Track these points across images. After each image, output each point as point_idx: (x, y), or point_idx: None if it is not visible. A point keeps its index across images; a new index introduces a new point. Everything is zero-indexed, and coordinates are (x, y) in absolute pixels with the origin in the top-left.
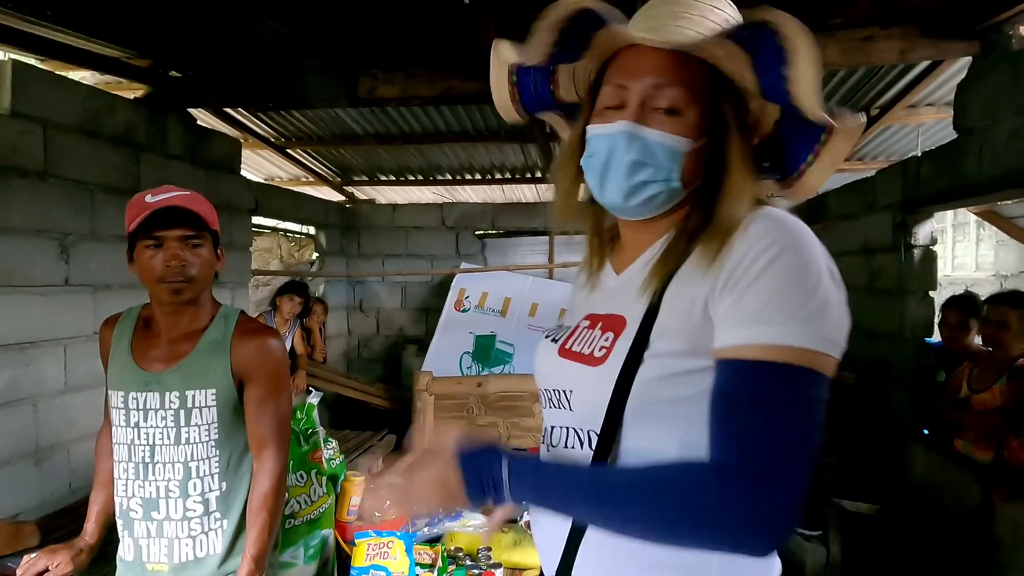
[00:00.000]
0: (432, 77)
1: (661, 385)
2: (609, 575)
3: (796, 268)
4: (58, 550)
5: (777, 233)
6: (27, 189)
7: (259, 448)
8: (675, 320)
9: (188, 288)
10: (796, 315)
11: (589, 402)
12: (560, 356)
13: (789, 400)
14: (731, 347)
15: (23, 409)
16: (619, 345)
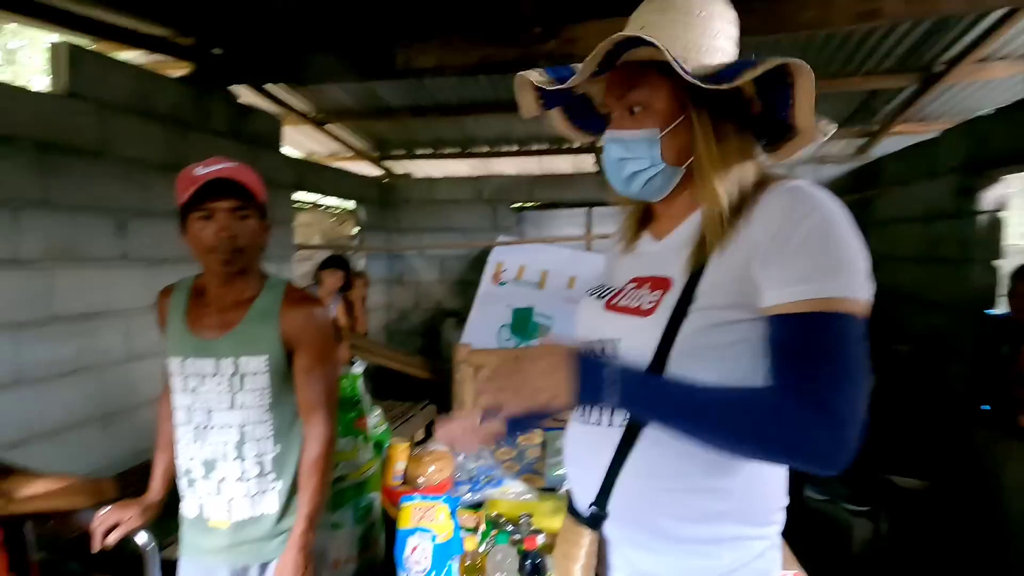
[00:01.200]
0: (468, 45)
1: (704, 333)
2: (643, 502)
3: (828, 231)
4: (128, 505)
5: (807, 202)
6: (85, 167)
7: (309, 413)
8: (719, 280)
9: (237, 259)
10: (835, 271)
11: (637, 348)
12: (607, 310)
13: (841, 341)
14: (785, 303)
15: (89, 376)
16: (667, 300)
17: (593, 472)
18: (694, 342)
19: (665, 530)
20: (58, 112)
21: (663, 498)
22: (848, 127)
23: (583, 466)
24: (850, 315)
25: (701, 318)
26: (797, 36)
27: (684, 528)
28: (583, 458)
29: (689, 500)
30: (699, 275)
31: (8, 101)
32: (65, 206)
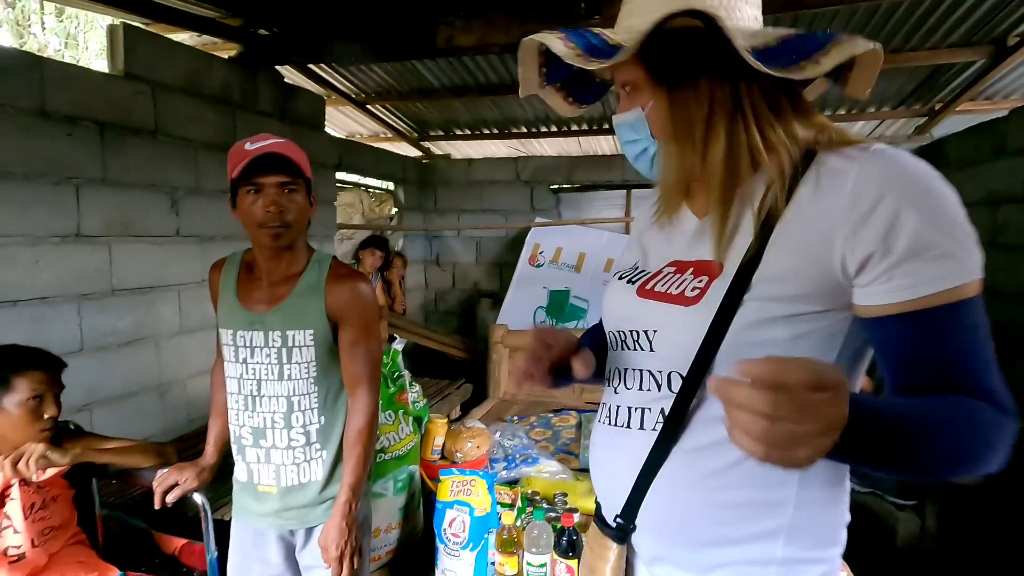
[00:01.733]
0: (509, 23)
1: (760, 327)
2: (679, 516)
3: (939, 207)
4: (185, 468)
5: (900, 175)
6: (141, 146)
7: (353, 386)
8: (782, 266)
9: (286, 233)
10: (957, 253)
11: (677, 342)
12: (640, 297)
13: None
14: (907, 301)
15: (147, 347)
16: (715, 286)
17: (621, 480)
18: (748, 337)
19: (704, 549)
20: (116, 92)
21: (703, 513)
22: (908, 106)
23: (610, 473)
24: (974, 298)
25: (758, 309)
26: (856, 7)
27: (727, 549)
28: (610, 464)
29: (734, 515)
30: (758, 259)
31: (72, 82)
32: (122, 183)
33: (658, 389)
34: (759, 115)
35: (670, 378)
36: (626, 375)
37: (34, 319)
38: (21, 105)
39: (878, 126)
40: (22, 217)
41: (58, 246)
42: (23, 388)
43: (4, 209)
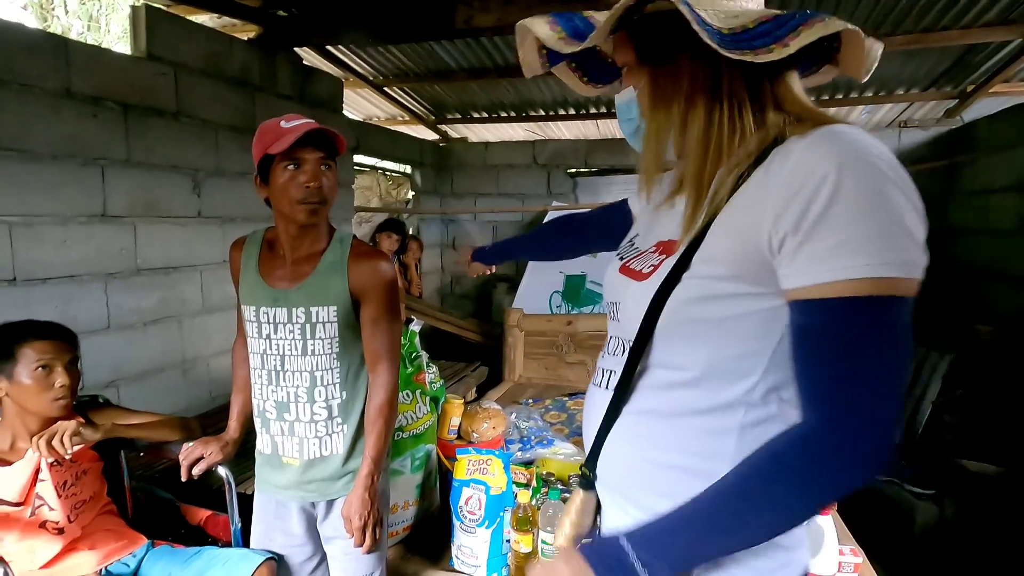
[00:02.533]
0: (530, 2)
1: (695, 304)
2: (622, 470)
3: (866, 191)
4: (210, 441)
5: (833, 155)
6: (163, 128)
7: (374, 362)
8: (721, 247)
9: (322, 209)
10: (874, 244)
11: (630, 314)
12: (619, 272)
13: (877, 334)
14: (809, 286)
15: (171, 325)
16: (665, 264)
17: (590, 434)
18: (683, 313)
19: (642, 501)
20: (138, 73)
21: (642, 469)
22: (938, 88)
23: (587, 426)
24: (895, 298)
25: (694, 287)
26: None
27: (662, 504)
28: (588, 419)
29: (668, 476)
30: (699, 240)
31: (96, 64)
32: (146, 165)
33: (622, 354)
34: (739, 99)
35: (626, 345)
36: (610, 341)
37: (63, 297)
38: (48, 86)
39: (907, 108)
40: (51, 197)
41: (85, 226)
42: (28, 357)
43: (33, 189)
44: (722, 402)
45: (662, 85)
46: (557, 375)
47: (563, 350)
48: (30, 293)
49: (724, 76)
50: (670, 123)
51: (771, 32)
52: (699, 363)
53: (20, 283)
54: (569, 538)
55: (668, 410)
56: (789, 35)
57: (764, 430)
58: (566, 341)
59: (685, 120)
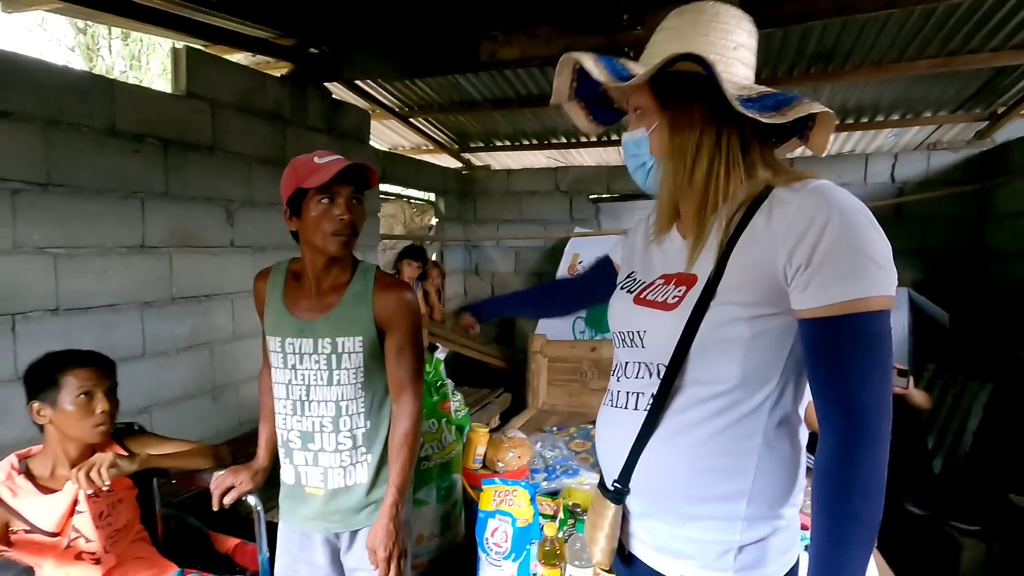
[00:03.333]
0: (552, 35)
1: (723, 327)
2: (662, 480)
3: (850, 234)
4: (240, 470)
5: (827, 205)
6: (200, 162)
7: (398, 391)
8: (741, 278)
9: (353, 241)
10: (861, 272)
11: (662, 340)
12: (635, 304)
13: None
14: (816, 308)
15: (202, 352)
16: (690, 295)
17: (619, 452)
18: (713, 335)
19: (681, 505)
20: (178, 110)
21: (681, 476)
22: (967, 110)
23: (611, 446)
24: (877, 311)
25: (722, 313)
26: (911, 10)
27: (700, 505)
28: (611, 439)
29: (706, 479)
30: (721, 272)
31: (139, 102)
32: (183, 197)
33: (649, 377)
34: (734, 154)
35: (658, 368)
36: (627, 367)
37: (103, 325)
38: (94, 124)
39: (935, 131)
40: (93, 229)
41: (124, 256)
42: (71, 385)
43: (78, 222)
44: (752, 406)
45: (679, 132)
46: (581, 402)
47: (587, 376)
48: (71, 322)
49: (724, 133)
50: (684, 166)
51: (769, 104)
52: (731, 376)
53: (62, 312)
54: (606, 552)
55: (701, 420)
56: (785, 108)
57: (784, 427)
58: (590, 367)
59: (694, 162)
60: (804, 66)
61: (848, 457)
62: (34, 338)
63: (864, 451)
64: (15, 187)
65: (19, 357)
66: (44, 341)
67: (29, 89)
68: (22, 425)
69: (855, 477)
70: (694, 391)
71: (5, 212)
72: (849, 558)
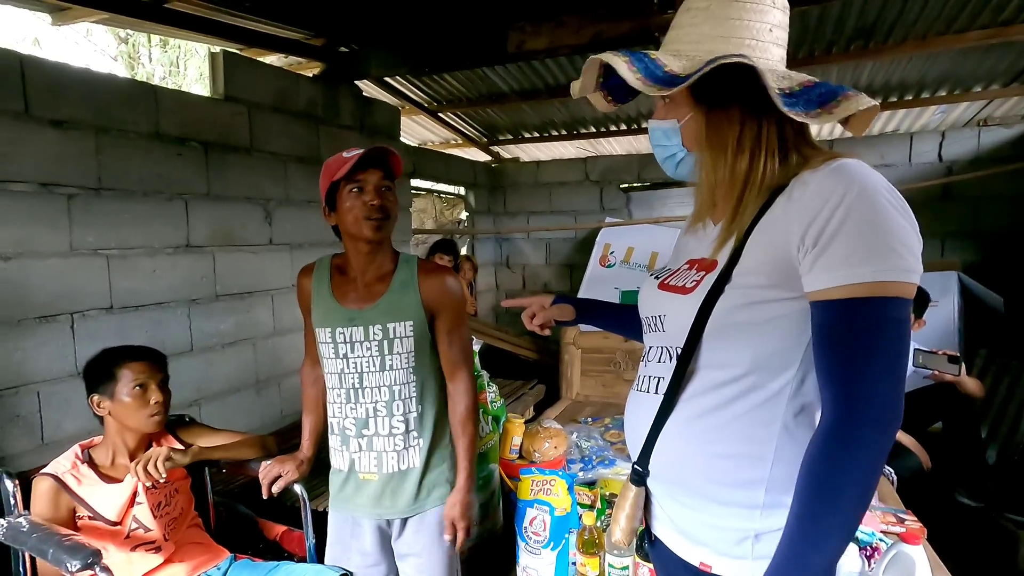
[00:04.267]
0: (580, 24)
1: (738, 311)
2: (678, 463)
3: (869, 212)
4: (285, 460)
5: (844, 183)
6: (239, 163)
7: (452, 371)
8: (758, 260)
9: (386, 225)
10: (876, 253)
11: (679, 324)
12: (659, 289)
13: (880, 326)
14: (826, 289)
15: (246, 347)
16: (707, 279)
17: (640, 434)
18: (727, 319)
19: (699, 490)
20: (217, 113)
21: (698, 460)
22: (1022, 83)
23: (634, 429)
24: (889, 298)
25: (736, 296)
26: None
27: (717, 490)
28: (635, 422)
29: (724, 464)
30: (737, 256)
31: (181, 107)
32: (224, 197)
33: (669, 360)
34: (772, 147)
35: (675, 351)
36: (650, 351)
37: (153, 322)
38: (140, 129)
39: (986, 106)
40: (142, 231)
41: (171, 256)
42: (126, 377)
43: (128, 224)
44: (770, 393)
45: (716, 128)
46: (615, 392)
47: (620, 367)
48: (124, 319)
49: (764, 128)
50: (725, 162)
51: (814, 98)
52: (744, 360)
53: (116, 310)
54: (626, 532)
55: (717, 405)
56: (831, 104)
57: (805, 416)
58: (623, 358)
59: (736, 156)
60: (843, 44)
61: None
62: (91, 335)
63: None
64: (71, 192)
65: (79, 353)
66: (100, 338)
67: (80, 98)
68: (85, 417)
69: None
70: (709, 375)
71: (62, 216)
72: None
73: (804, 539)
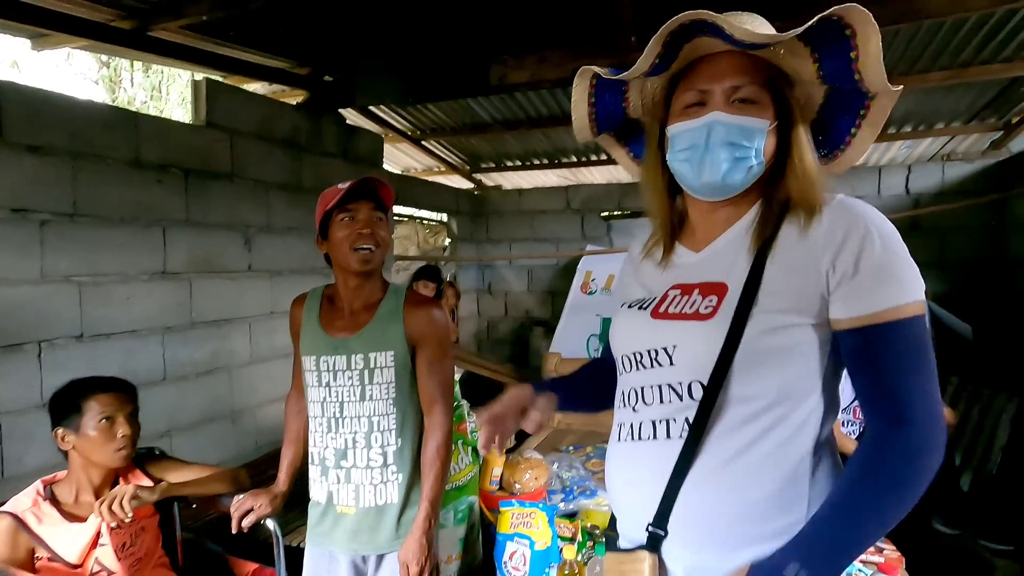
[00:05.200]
0: (562, 58)
1: (767, 336)
2: (709, 515)
3: (887, 243)
4: (259, 494)
5: (862, 216)
6: (219, 189)
7: (430, 405)
8: (782, 282)
9: (375, 255)
10: (897, 280)
11: (696, 354)
12: (655, 319)
13: (912, 341)
14: (857, 317)
15: (221, 376)
16: (726, 303)
17: (648, 491)
18: (757, 344)
19: (733, 549)
20: (198, 140)
21: (731, 510)
22: (981, 120)
23: (635, 486)
24: (915, 316)
25: (765, 320)
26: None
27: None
28: (635, 478)
29: (759, 510)
30: (757, 279)
31: (162, 133)
32: (204, 224)
33: (679, 399)
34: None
35: (691, 388)
36: (644, 393)
37: (124, 351)
38: (119, 156)
39: (948, 142)
40: (118, 257)
41: (147, 283)
42: (93, 410)
43: (103, 251)
44: (795, 425)
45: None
46: (597, 421)
47: None
48: (95, 348)
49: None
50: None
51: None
52: (771, 390)
53: (87, 339)
54: None
55: (749, 443)
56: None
57: (828, 448)
58: None
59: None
60: None
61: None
62: (59, 364)
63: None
64: (43, 218)
65: (45, 383)
66: (68, 367)
67: (57, 124)
68: (49, 451)
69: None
70: (737, 410)
71: (33, 243)
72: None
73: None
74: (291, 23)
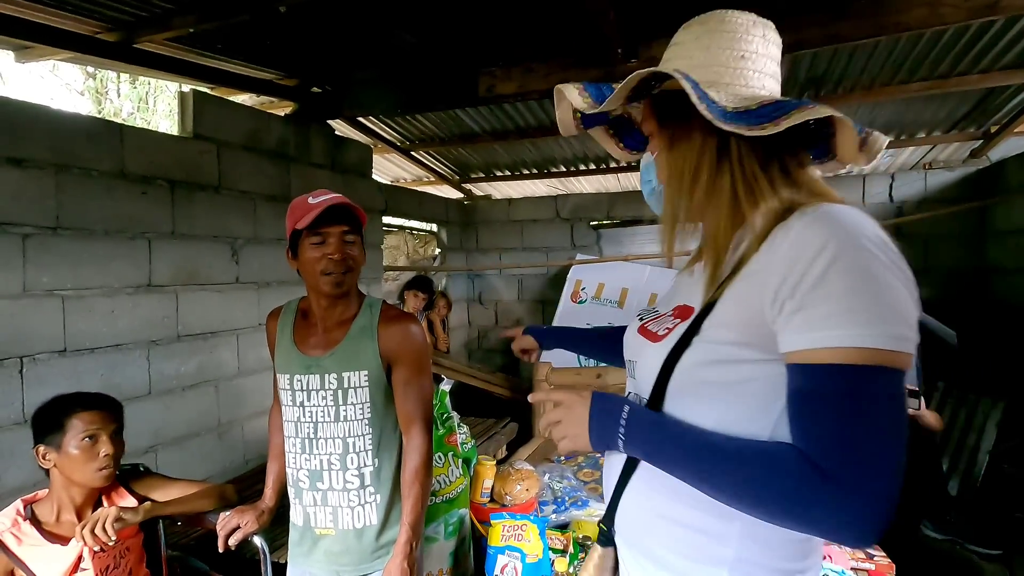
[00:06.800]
0: (548, 70)
1: (704, 367)
2: (637, 526)
3: (857, 268)
4: (246, 511)
5: (828, 233)
6: (206, 201)
7: (408, 425)
8: (731, 313)
9: (347, 280)
10: (864, 316)
11: (644, 374)
12: (637, 333)
13: (872, 401)
14: (804, 351)
15: (208, 390)
16: (679, 328)
17: (608, 490)
18: (692, 375)
19: (659, 558)
20: (185, 152)
21: (655, 525)
22: (961, 130)
23: (607, 481)
24: (881, 368)
25: (704, 351)
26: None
27: (677, 561)
28: (608, 473)
29: (681, 534)
30: (711, 306)
31: (147, 145)
32: (189, 236)
33: None
34: (749, 170)
35: (642, 402)
36: (629, 398)
37: (108, 365)
38: (104, 168)
39: (930, 151)
40: (102, 270)
41: (131, 296)
42: (76, 428)
43: (87, 264)
44: None
45: (676, 152)
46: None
47: None
48: (79, 362)
49: (733, 148)
50: (682, 187)
51: (769, 114)
52: (707, 424)
53: (69, 353)
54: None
55: None
56: (782, 117)
57: None
58: None
59: (692, 186)
60: (796, 92)
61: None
62: (41, 380)
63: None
64: (26, 232)
65: (27, 399)
66: (51, 383)
67: (41, 136)
68: (30, 469)
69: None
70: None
71: (15, 256)
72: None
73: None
74: (278, 35)
